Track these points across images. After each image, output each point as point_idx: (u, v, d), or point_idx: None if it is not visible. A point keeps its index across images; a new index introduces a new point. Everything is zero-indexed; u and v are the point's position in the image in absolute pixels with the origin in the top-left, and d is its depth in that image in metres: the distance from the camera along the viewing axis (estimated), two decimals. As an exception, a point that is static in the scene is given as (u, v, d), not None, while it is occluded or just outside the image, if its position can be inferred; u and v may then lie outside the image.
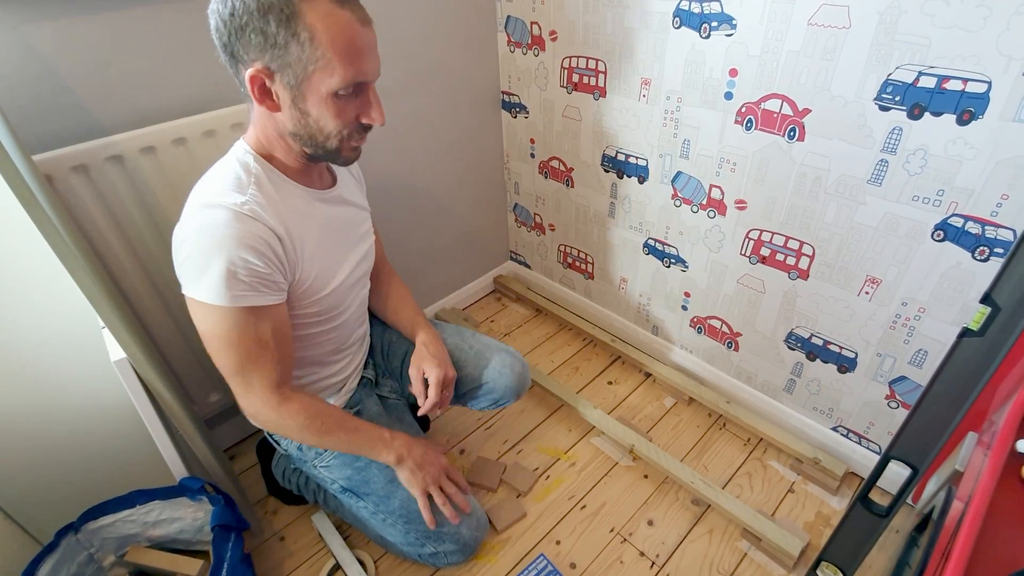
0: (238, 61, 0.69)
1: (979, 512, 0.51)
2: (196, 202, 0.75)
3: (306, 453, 1.00)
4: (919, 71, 0.81)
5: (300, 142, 0.77)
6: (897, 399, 1.07)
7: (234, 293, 0.73)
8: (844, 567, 0.80)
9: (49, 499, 0.99)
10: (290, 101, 0.72)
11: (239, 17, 0.65)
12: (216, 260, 0.71)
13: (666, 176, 1.24)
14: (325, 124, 0.74)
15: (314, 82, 0.70)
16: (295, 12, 0.65)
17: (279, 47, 0.67)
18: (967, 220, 0.85)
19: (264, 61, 0.68)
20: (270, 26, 0.65)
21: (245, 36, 0.66)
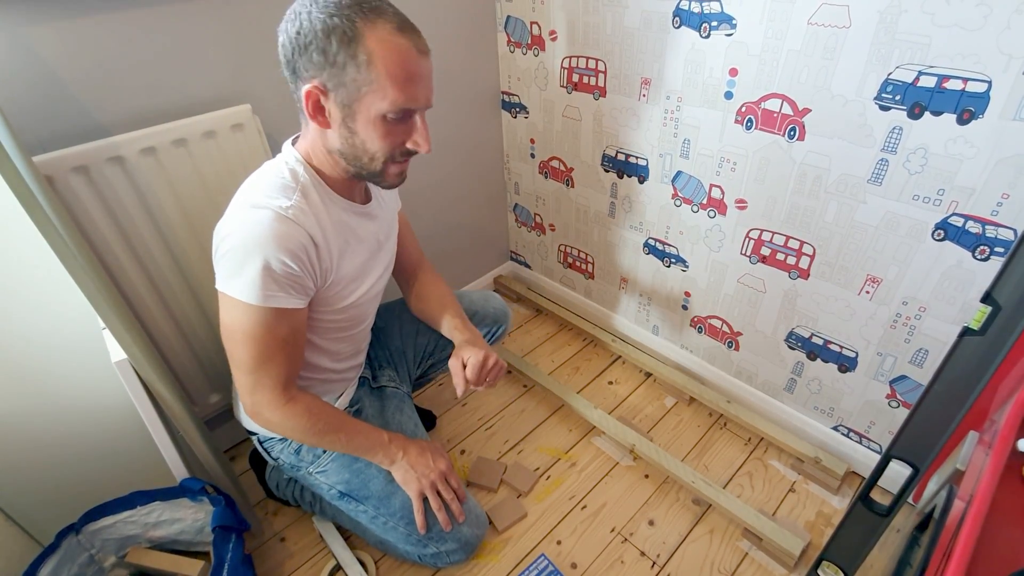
0: (298, 77, 0.73)
1: (980, 511, 0.51)
2: (243, 201, 0.77)
3: (302, 460, 0.99)
4: (919, 70, 0.81)
5: (345, 160, 0.79)
6: (898, 398, 1.07)
7: (266, 293, 0.75)
8: (845, 567, 0.80)
9: (50, 500, 0.99)
10: (340, 119, 0.74)
11: (304, 36, 0.69)
12: (254, 259, 0.73)
13: (666, 176, 1.24)
14: (371, 145, 0.77)
15: (365, 103, 0.73)
16: (357, 35, 0.68)
17: (337, 66, 0.70)
18: (967, 219, 0.85)
19: (321, 79, 0.71)
20: (332, 46, 0.69)
21: (307, 54, 0.70)
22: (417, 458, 0.96)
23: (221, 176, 1.02)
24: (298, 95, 0.74)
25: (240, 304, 0.76)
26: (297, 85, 0.73)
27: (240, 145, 1.03)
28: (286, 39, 0.71)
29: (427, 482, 0.96)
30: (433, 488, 0.97)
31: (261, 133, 1.05)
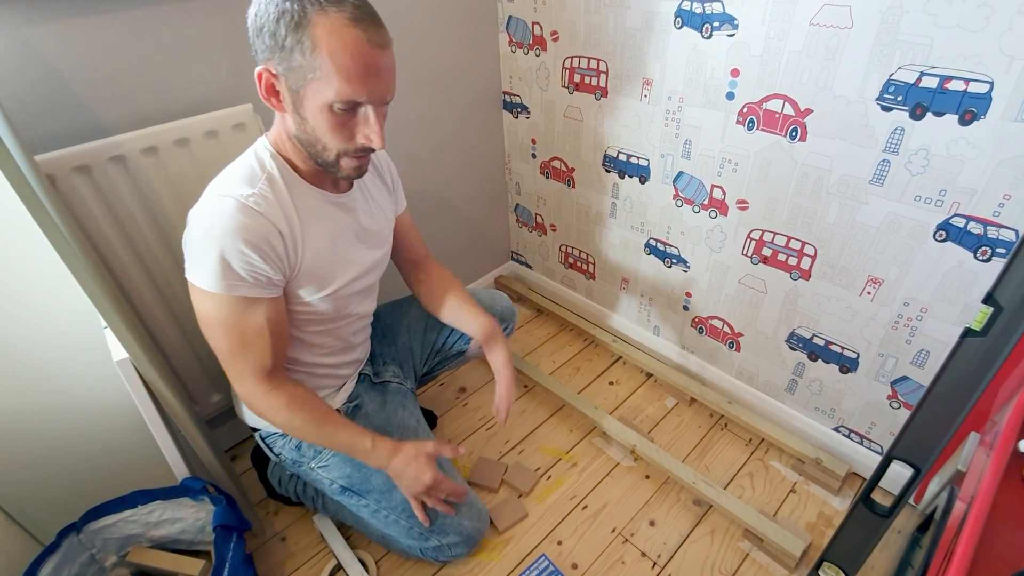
0: (259, 61, 0.74)
1: (982, 513, 0.51)
2: (211, 190, 0.78)
3: (303, 455, 0.99)
4: (921, 71, 0.81)
5: (303, 146, 0.80)
6: (899, 399, 1.07)
7: (229, 282, 0.76)
8: (846, 568, 0.79)
9: (51, 499, 0.99)
10: (292, 105, 0.75)
11: (260, 18, 0.70)
12: (214, 248, 0.74)
13: (667, 176, 1.24)
14: (321, 135, 0.76)
15: (311, 90, 0.72)
16: (305, 21, 0.68)
17: (285, 50, 0.70)
18: (969, 220, 0.85)
19: (272, 62, 0.72)
20: (280, 29, 0.69)
21: (261, 36, 0.71)
22: (403, 470, 0.93)
23: (223, 176, 1.02)
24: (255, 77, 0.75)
25: (206, 293, 0.76)
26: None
27: (242, 145, 1.02)
28: (248, 22, 0.72)
29: (411, 493, 0.95)
30: (418, 499, 0.96)
31: (263, 132, 1.05)
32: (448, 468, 1.08)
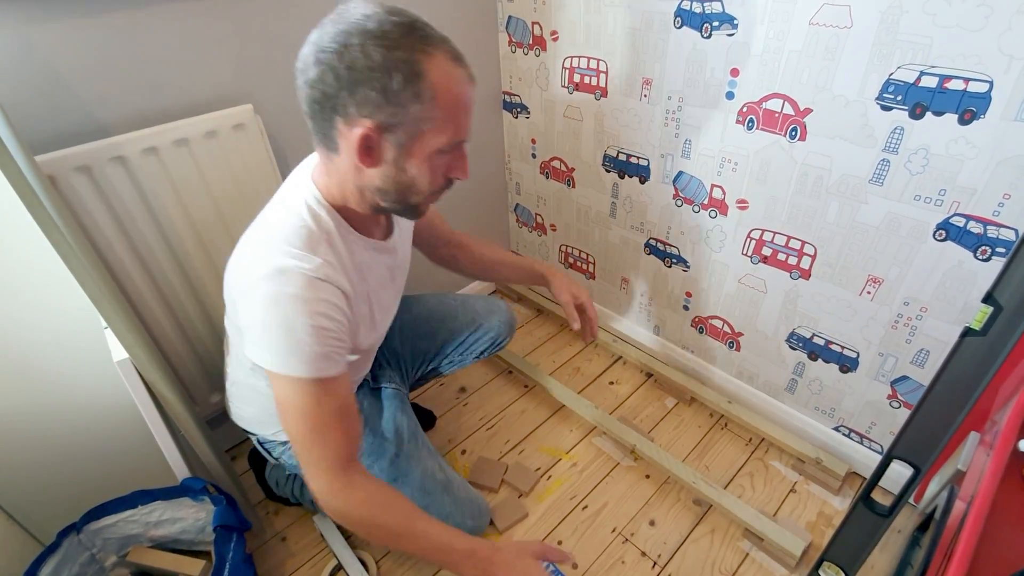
0: (338, 115, 0.65)
1: (982, 512, 0.51)
2: (268, 262, 0.69)
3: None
4: (921, 71, 0.81)
5: (382, 197, 0.74)
6: (899, 399, 1.07)
7: (310, 365, 0.70)
8: (846, 567, 0.79)
9: (51, 499, 0.99)
10: (392, 159, 0.69)
11: (359, 71, 0.62)
12: (290, 332, 0.68)
13: (667, 176, 1.24)
14: (420, 182, 0.72)
15: (423, 140, 0.68)
16: (420, 71, 0.63)
17: (398, 104, 0.64)
18: (969, 220, 0.85)
19: (377, 118, 0.65)
20: (393, 83, 0.63)
21: (360, 91, 0.63)
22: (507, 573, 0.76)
23: (223, 176, 1.03)
24: (330, 132, 0.68)
25: (285, 379, 0.71)
26: (332, 123, 0.67)
27: (242, 145, 1.03)
28: (328, 74, 0.63)
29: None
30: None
31: (263, 133, 1.05)
32: (446, 469, 1.08)
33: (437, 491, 1.00)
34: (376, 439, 0.99)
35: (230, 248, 1.07)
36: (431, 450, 1.06)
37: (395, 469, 0.98)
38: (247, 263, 0.73)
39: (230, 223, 1.07)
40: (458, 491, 1.03)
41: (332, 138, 0.69)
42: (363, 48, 0.61)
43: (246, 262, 0.73)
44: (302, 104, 0.68)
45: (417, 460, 1.01)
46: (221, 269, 1.08)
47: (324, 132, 0.69)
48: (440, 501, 1.00)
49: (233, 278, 0.75)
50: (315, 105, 0.66)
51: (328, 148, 0.71)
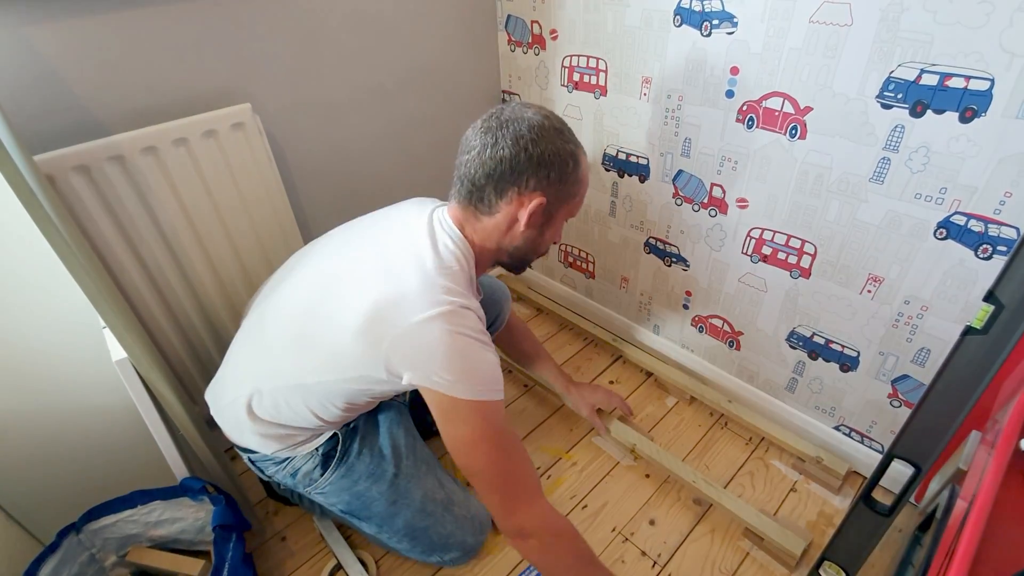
0: (515, 186, 0.80)
1: (983, 511, 0.51)
2: (437, 310, 0.74)
3: (298, 482, 0.95)
4: (921, 68, 0.81)
5: (512, 253, 0.88)
6: (900, 398, 1.07)
7: (494, 387, 0.77)
8: (847, 566, 0.79)
9: (50, 499, 0.99)
10: (539, 224, 0.85)
11: (548, 156, 0.79)
12: (483, 361, 0.76)
13: (667, 175, 1.24)
14: (545, 245, 0.90)
15: (562, 212, 0.87)
16: (579, 161, 0.84)
17: (564, 183, 0.82)
18: (970, 218, 0.85)
19: (548, 193, 0.81)
20: (567, 167, 0.81)
21: (544, 171, 0.79)
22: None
23: (221, 175, 1.02)
24: (493, 199, 0.81)
25: (475, 405, 0.75)
26: (503, 191, 0.80)
27: (240, 144, 1.03)
28: (524, 155, 0.78)
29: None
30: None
31: (261, 132, 1.05)
32: (445, 473, 1.08)
33: (438, 512, 1.00)
34: (374, 459, 0.96)
35: (228, 246, 1.08)
36: (430, 463, 1.04)
37: (395, 491, 0.97)
38: (401, 298, 0.76)
39: (229, 222, 1.07)
40: (459, 508, 1.03)
41: (492, 202, 0.82)
42: (552, 142, 0.79)
43: (399, 293, 0.76)
44: (475, 172, 0.81)
45: (417, 480, 0.99)
46: (219, 268, 1.09)
47: (487, 197, 0.82)
48: (442, 521, 1.00)
49: (372, 298, 0.77)
50: (499, 176, 0.80)
51: (480, 209, 0.83)
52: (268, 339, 0.87)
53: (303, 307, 0.84)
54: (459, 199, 0.84)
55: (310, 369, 0.82)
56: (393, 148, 1.36)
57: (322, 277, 0.85)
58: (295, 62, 1.11)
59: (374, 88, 1.26)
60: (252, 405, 0.86)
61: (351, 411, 0.90)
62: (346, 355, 0.78)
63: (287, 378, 0.84)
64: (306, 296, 0.85)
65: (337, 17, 1.13)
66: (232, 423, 0.90)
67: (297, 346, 0.83)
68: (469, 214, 0.84)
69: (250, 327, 0.92)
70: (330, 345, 0.80)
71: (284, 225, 1.15)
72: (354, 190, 1.32)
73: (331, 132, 1.23)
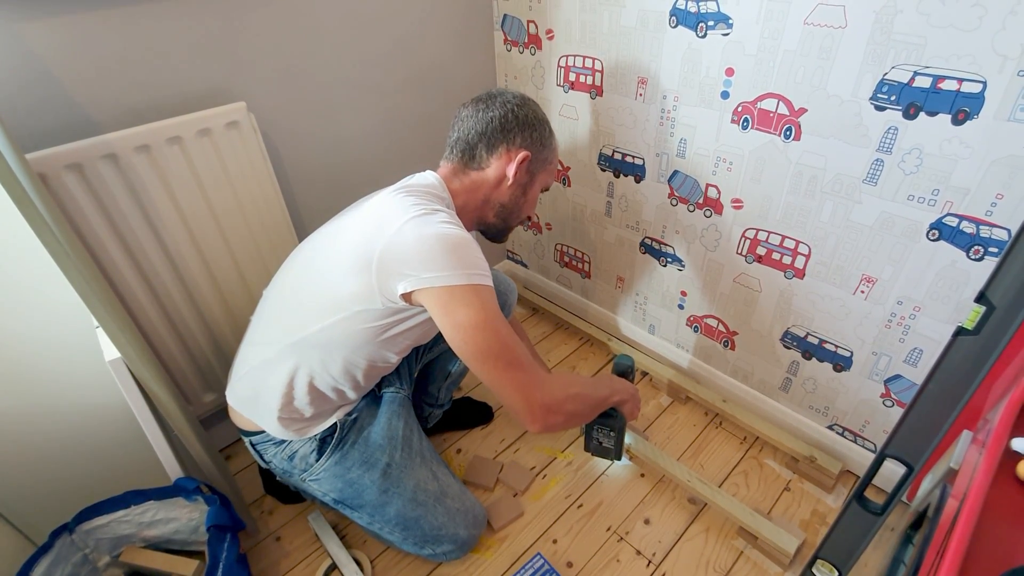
0: (506, 142, 0.92)
1: (974, 510, 0.52)
2: (408, 212, 0.80)
3: (294, 466, 0.97)
4: (914, 71, 0.81)
5: (499, 213, 0.97)
6: (892, 397, 1.08)
7: (485, 273, 0.80)
8: (840, 565, 0.80)
9: (43, 499, 0.98)
10: (523, 183, 0.96)
11: (531, 119, 0.93)
12: (467, 246, 0.79)
13: (663, 175, 1.24)
14: (526, 208, 1.00)
15: (541, 176, 0.99)
16: (552, 131, 0.98)
17: (544, 146, 0.96)
18: (962, 219, 0.86)
19: (532, 150, 0.94)
20: (545, 132, 0.96)
21: (528, 132, 0.93)
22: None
23: (216, 174, 1.02)
24: (484, 154, 0.92)
25: (473, 290, 0.77)
26: (495, 146, 0.92)
27: (235, 143, 1.02)
28: (513, 118, 0.91)
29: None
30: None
31: (256, 131, 1.05)
32: (442, 467, 1.08)
33: (429, 502, 1.00)
34: (368, 449, 0.98)
35: (223, 245, 1.08)
36: (426, 456, 1.05)
37: (386, 480, 0.98)
38: (379, 222, 0.81)
39: (223, 221, 1.06)
40: (452, 501, 1.03)
41: (483, 157, 0.93)
42: (531, 108, 0.94)
43: (376, 222, 0.81)
44: (466, 131, 0.92)
45: (409, 471, 1.00)
46: (214, 267, 1.08)
47: (478, 152, 0.93)
48: (433, 512, 1.00)
49: (359, 234, 0.82)
50: (490, 133, 0.91)
51: (470, 164, 0.94)
52: (274, 308, 0.94)
53: (297, 273, 0.92)
54: (450, 159, 0.95)
55: (314, 318, 0.85)
56: (389, 147, 1.36)
57: (312, 249, 0.92)
58: (290, 61, 1.10)
59: (370, 87, 1.25)
60: (256, 375, 0.92)
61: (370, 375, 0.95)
62: (342, 293, 0.82)
63: (296, 333, 0.87)
64: (300, 266, 0.92)
65: (333, 16, 1.13)
66: (248, 397, 0.95)
67: (297, 300, 0.90)
68: (458, 169, 0.94)
69: (260, 308, 0.98)
70: (326, 288, 0.84)
71: (279, 223, 1.15)
72: (349, 189, 1.32)
73: (327, 131, 1.22)
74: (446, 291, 0.76)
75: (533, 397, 0.80)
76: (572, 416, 0.88)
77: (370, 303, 0.81)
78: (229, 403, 0.99)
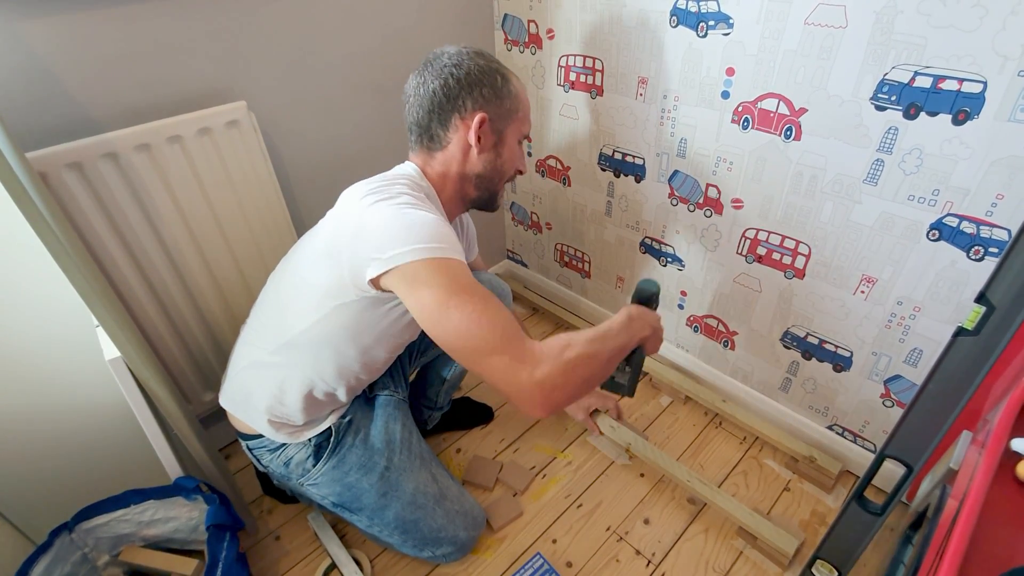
0: (456, 112, 0.85)
1: (973, 510, 0.52)
2: (370, 200, 0.76)
3: (291, 471, 0.97)
4: (915, 71, 0.81)
5: (478, 184, 0.91)
6: (892, 398, 1.08)
7: (453, 246, 0.73)
8: (839, 565, 0.80)
9: (43, 498, 0.98)
10: (492, 144, 0.88)
11: (474, 76, 0.84)
12: (428, 222, 0.74)
13: (663, 175, 1.24)
14: (507, 166, 0.91)
15: (511, 129, 0.89)
16: (506, 76, 0.88)
17: (500, 98, 0.86)
18: (962, 220, 0.86)
19: (487, 109, 0.85)
20: (496, 82, 0.86)
21: (476, 91, 0.84)
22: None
23: (216, 173, 1.02)
24: (440, 132, 0.86)
25: (451, 264, 0.70)
26: (447, 120, 0.85)
27: (235, 142, 1.02)
28: (450, 81, 0.83)
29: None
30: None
31: (257, 130, 1.05)
32: (441, 469, 1.08)
33: (428, 505, 1.00)
34: (366, 451, 0.98)
35: (223, 245, 1.08)
36: (425, 458, 1.05)
37: (385, 483, 0.97)
38: (344, 213, 0.80)
39: (223, 220, 1.06)
40: (451, 503, 1.03)
41: (440, 135, 0.86)
42: (473, 62, 0.85)
43: (342, 213, 0.80)
44: (416, 113, 0.87)
45: (408, 473, 1.00)
46: (214, 265, 1.08)
47: (434, 131, 0.86)
48: (432, 515, 1.00)
49: (330, 228, 0.82)
50: (437, 108, 0.85)
51: (432, 146, 0.88)
52: (264, 308, 0.94)
53: (281, 274, 0.92)
54: (412, 147, 0.91)
55: (297, 318, 0.85)
56: (388, 146, 1.36)
57: (295, 249, 0.92)
58: (291, 60, 1.10)
59: (370, 86, 1.25)
60: (247, 376, 0.92)
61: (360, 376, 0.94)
62: (318, 290, 0.81)
63: (284, 335, 0.87)
64: (286, 266, 0.92)
65: (333, 15, 1.13)
66: (240, 399, 0.94)
67: (282, 302, 0.89)
68: (425, 155, 0.89)
69: (254, 309, 0.98)
70: (304, 287, 0.84)
71: (279, 222, 1.15)
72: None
73: (327, 130, 1.22)
74: (409, 268, 0.70)
75: (522, 379, 0.67)
76: (582, 383, 0.71)
77: (344, 296, 0.78)
78: (222, 405, 0.98)
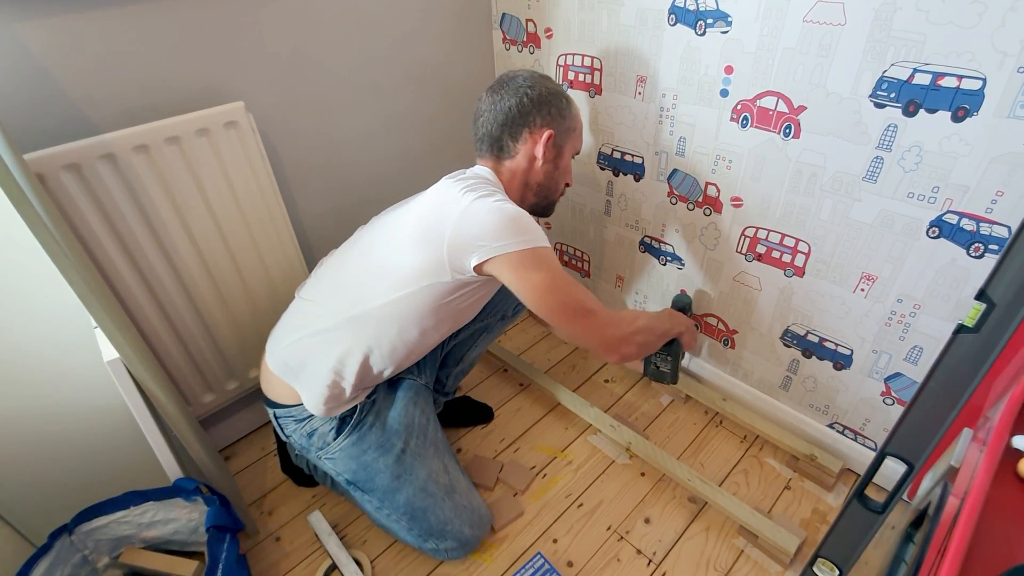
0: (527, 127, 0.98)
1: (975, 508, 0.52)
2: (473, 196, 0.88)
3: (312, 443, 1.00)
4: (914, 68, 0.81)
5: (538, 192, 1.04)
6: (893, 396, 1.08)
7: (544, 235, 0.89)
8: (840, 563, 0.80)
9: (43, 500, 0.98)
10: (552, 157, 1.02)
11: (545, 96, 0.98)
12: (525, 217, 0.88)
13: (662, 174, 1.24)
14: (562, 179, 1.06)
15: (570, 145, 1.04)
16: (569, 99, 1.03)
17: (563, 117, 1.01)
18: (962, 217, 0.85)
19: (553, 126, 0.99)
20: (562, 103, 1.01)
21: (545, 108, 0.98)
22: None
23: (214, 174, 1.02)
24: (510, 143, 0.99)
25: (547, 251, 0.88)
26: (518, 134, 0.98)
27: (233, 143, 1.02)
28: (526, 100, 0.97)
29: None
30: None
31: (255, 131, 1.04)
32: (453, 462, 1.08)
33: (439, 495, 1.01)
34: (384, 433, 1.00)
35: (221, 245, 1.08)
36: (439, 448, 1.06)
37: (399, 466, 0.99)
38: (444, 205, 0.89)
39: (222, 221, 1.06)
40: (460, 497, 1.04)
41: (510, 146, 0.99)
42: (544, 85, 0.99)
43: (441, 205, 0.90)
44: (489, 126, 0.99)
45: (423, 459, 1.02)
46: (212, 266, 1.08)
47: (504, 142, 0.99)
48: (440, 505, 1.01)
49: (424, 216, 0.91)
50: (511, 122, 0.98)
51: (501, 156, 1.01)
52: (336, 283, 0.99)
53: (362, 251, 0.98)
54: (482, 155, 1.02)
55: (379, 293, 0.91)
56: (387, 146, 1.36)
57: (377, 231, 0.98)
58: (289, 60, 1.10)
59: (368, 86, 1.25)
60: (312, 342, 0.95)
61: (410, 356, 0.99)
62: (410, 270, 0.89)
63: (358, 306, 0.92)
64: (366, 245, 0.98)
65: (331, 15, 1.13)
66: (298, 366, 0.96)
67: (361, 278, 0.95)
68: (494, 162, 1.02)
69: (315, 284, 1.02)
70: (394, 266, 0.91)
71: (277, 223, 1.14)
72: (348, 188, 1.32)
73: (325, 130, 1.22)
74: (516, 256, 0.85)
75: (608, 335, 0.95)
76: (642, 346, 1.02)
77: (439, 277, 0.88)
78: (270, 369, 1.00)
